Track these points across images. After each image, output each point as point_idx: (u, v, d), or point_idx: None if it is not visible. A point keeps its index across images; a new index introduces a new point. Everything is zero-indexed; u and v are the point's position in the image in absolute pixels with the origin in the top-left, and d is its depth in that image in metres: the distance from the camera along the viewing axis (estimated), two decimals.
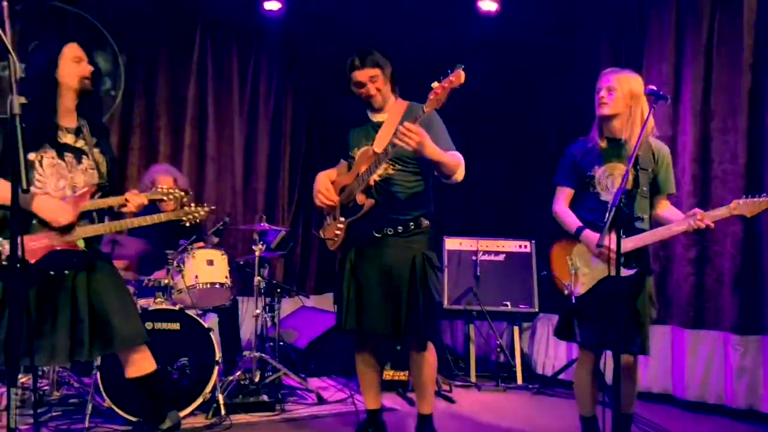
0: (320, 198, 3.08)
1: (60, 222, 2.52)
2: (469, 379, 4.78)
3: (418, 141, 2.66)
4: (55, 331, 2.53)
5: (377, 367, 3.22)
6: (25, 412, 3.42)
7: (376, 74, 2.95)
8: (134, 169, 5.31)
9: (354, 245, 3.05)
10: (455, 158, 2.91)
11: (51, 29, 4.95)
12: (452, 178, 2.93)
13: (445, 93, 2.62)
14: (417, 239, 2.99)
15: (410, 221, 2.97)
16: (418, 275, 2.92)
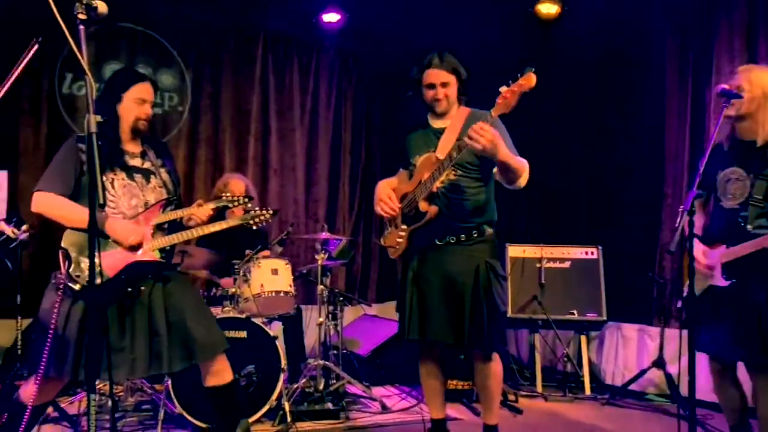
0: (382, 206, 3.06)
1: (129, 242, 2.61)
2: (535, 389, 4.68)
3: (490, 140, 2.60)
4: (134, 346, 2.61)
5: (441, 377, 3.18)
6: (102, 418, 3.56)
7: (449, 80, 2.92)
8: (201, 181, 5.48)
9: (416, 253, 3.03)
10: (522, 162, 2.87)
11: (122, 48, 5.18)
12: (516, 183, 2.88)
13: (515, 97, 2.57)
14: (480, 247, 2.93)
15: (473, 229, 2.92)
16: (481, 284, 2.86)
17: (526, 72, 2.55)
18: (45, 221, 4.14)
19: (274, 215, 3.05)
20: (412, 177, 3.02)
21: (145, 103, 2.74)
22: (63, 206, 2.59)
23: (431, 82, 2.93)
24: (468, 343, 2.89)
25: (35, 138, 4.89)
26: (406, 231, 3.00)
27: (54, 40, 5.07)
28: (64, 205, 2.59)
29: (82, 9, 1.97)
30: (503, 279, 2.98)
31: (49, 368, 2.52)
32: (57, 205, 2.59)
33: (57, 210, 2.60)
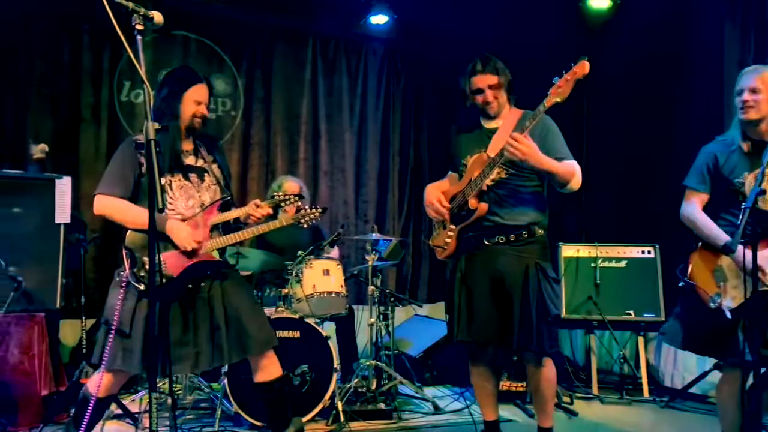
0: (431, 208, 3.06)
1: (187, 248, 2.70)
2: (591, 391, 4.59)
3: (525, 152, 2.63)
4: (197, 340, 2.71)
5: (493, 379, 3.14)
6: (162, 415, 3.67)
7: (495, 82, 2.91)
8: (254, 184, 5.59)
9: (464, 254, 2.99)
10: (568, 167, 2.80)
11: (176, 55, 5.33)
12: (566, 187, 2.83)
13: (569, 85, 2.57)
14: (530, 248, 2.88)
15: (523, 229, 2.88)
16: (531, 286, 2.81)
17: (580, 60, 2.56)
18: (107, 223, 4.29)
19: (323, 213, 3.09)
20: (462, 177, 3.01)
21: (201, 104, 2.82)
22: (123, 209, 2.69)
23: (478, 87, 2.94)
24: (517, 346, 2.83)
25: (96, 145, 5.08)
26: (454, 231, 2.99)
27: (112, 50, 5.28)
28: (125, 207, 2.69)
29: (139, 20, 2.03)
30: (555, 281, 2.91)
31: (115, 362, 2.62)
32: (118, 207, 2.69)
33: (118, 212, 2.70)
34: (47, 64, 4.94)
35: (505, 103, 2.98)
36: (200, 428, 3.58)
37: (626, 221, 5.25)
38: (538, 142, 2.74)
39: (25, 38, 4.84)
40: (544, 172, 2.77)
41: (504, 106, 2.98)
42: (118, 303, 2.62)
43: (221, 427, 3.52)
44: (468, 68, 2.97)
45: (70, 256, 3.96)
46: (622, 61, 5.26)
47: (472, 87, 2.95)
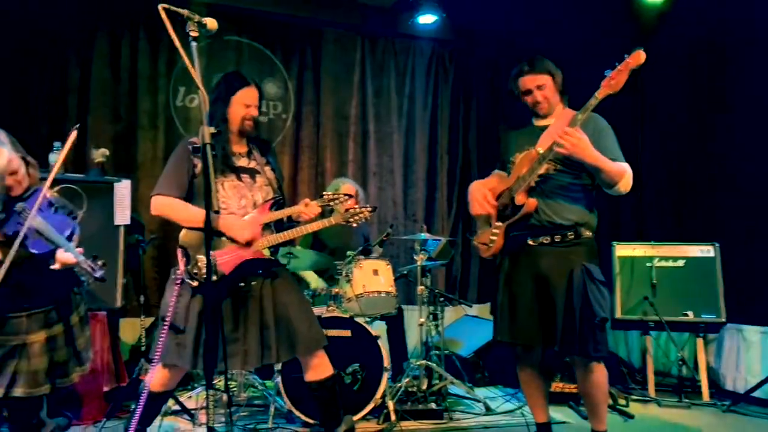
0: (476, 203, 3.01)
1: (245, 239, 2.75)
2: (648, 393, 4.47)
3: (575, 143, 2.60)
4: (246, 337, 2.76)
5: (541, 381, 3.08)
6: (218, 412, 3.76)
7: (544, 82, 2.89)
8: (304, 185, 5.67)
9: (508, 255, 2.96)
10: (617, 167, 2.74)
11: (229, 60, 5.46)
12: (614, 188, 2.76)
13: (623, 76, 2.54)
14: (576, 250, 2.82)
15: (569, 230, 2.82)
16: (575, 289, 2.74)
17: (635, 50, 2.52)
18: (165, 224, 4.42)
19: (373, 212, 3.10)
20: (510, 174, 2.97)
21: (251, 106, 2.86)
22: (179, 208, 2.77)
23: (527, 89, 2.92)
24: (560, 349, 2.80)
25: (153, 149, 5.24)
26: (500, 228, 2.93)
27: (168, 56, 5.44)
28: (180, 207, 2.77)
29: (194, 26, 2.09)
30: (602, 284, 2.82)
31: (168, 356, 2.70)
32: (173, 207, 2.78)
33: (174, 212, 2.78)
34: (107, 70, 5.12)
35: (557, 103, 2.94)
36: (254, 425, 3.65)
37: (684, 219, 5.09)
38: (590, 141, 2.69)
39: (84, 45, 5.04)
40: (592, 167, 2.71)
41: (556, 106, 2.94)
42: (173, 299, 2.71)
43: (275, 424, 3.58)
44: (515, 70, 2.95)
45: (129, 257, 4.10)
46: (678, 54, 5.11)
47: (521, 88, 2.93)
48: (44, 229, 2.47)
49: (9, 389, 2.51)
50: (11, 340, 2.53)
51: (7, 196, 2.54)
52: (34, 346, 2.56)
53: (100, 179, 4.13)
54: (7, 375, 2.50)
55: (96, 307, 3.89)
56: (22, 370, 2.54)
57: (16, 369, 2.53)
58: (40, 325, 2.59)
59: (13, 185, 2.53)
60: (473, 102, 6.28)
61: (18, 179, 2.55)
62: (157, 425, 3.54)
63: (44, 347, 2.59)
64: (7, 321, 2.54)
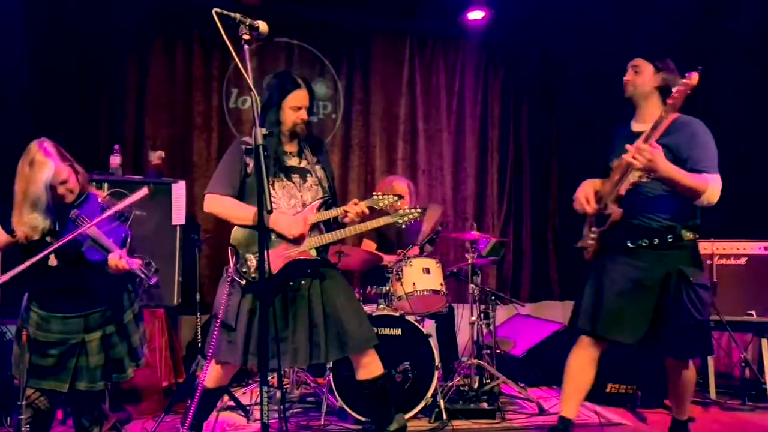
0: (577, 202, 3.03)
1: (294, 234, 2.79)
2: (709, 395, 4.32)
3: (648, 159, 2.61)
4: (295, 336, 2.79)
5: (591, 375, 2.96)
6: (271, 408, 3.81)
7: (640, 64, 2.89)
8: (354, 185, 5.71)
9: (607, 254, 2.97)
10: (696, 181, 2.70)
11: (280, 61, 5.54)
12: (699, 200, 2.73)
13: (682, 97, 2.56)
14: (675, 254, 2.81)
15: (668, 233, 2.81)
16: (671, 291, 2.76)
17: (689, 74, 2.53)
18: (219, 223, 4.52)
19: (423, 213, 3.08)
20: (609, 179, 2.97)
21: (301, 109, 2.88)
22: (230, 206, 2.83)
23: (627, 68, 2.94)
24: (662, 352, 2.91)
25: (207, 150, 5.36)
26: (596, 233, 2.96)
27: (221, 58, 5.56)
28: (232, 205, 2.83)
29: (246, 30, 2.13)
30: (701, 287, 2.79)
31: (220, 353, 2.77)
32: (225, 205, 2.83)
33: (225, 210, 2.84)
34: (162, 74, 5.27)
35: (649, 96, 2.90)
36: (307, 422, 3.70)
37: (746, 215, 4.88)
38: (684, 147, 2.73)
39: (141, 51, 5.20)
40: (667, 180, 2.70)
41: (645, 99, 2.91)
42: (224, 297, 2.77)
43: (327, 421, 3.62)
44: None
45: (186, 256, 4.22)
46: (742, 45, 4.89)
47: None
48: (98, 237, 2.56)
49: (72, 384, 2.62)
50: (71, 338, 2.64)
51: (59, 205, 2.63)
52: (92, 343, 2.66)
53: (157, 180, 4.25)
54: (69, 371, 2.61)
55: (155, 304, 4.01)
56: (83, 366, 2.65)
57: (77, 365, 2.63)
58: (97, 324, 2.69)
59: (65, 194, 2.62)
60: (524, 98, 6.19)
61: (69, 188, 2.64)
62: (213, 420, 3.63)
63: (101, 345, 2.68)
64: (67, 321, 2.65)
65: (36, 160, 2.53)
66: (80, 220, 2.61)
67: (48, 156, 2.56)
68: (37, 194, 2.52)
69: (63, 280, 2.62)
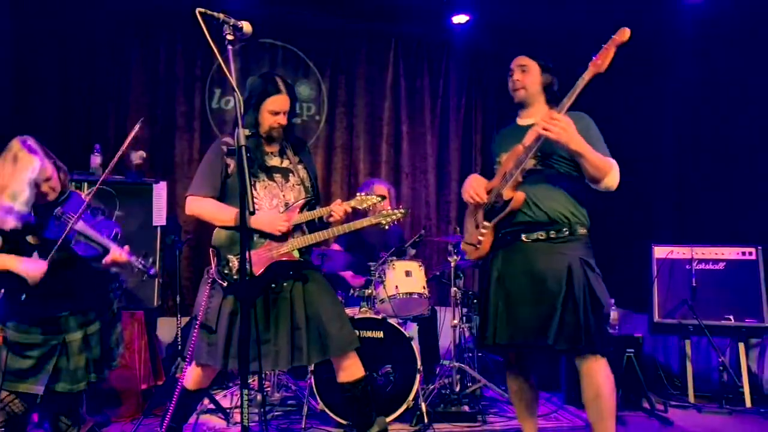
0: (467, 193, 2.88)
1: (279, 229, 2.76)
2: (687, 399, 4.37)
3: (563, 128, 2.49)
4: (277, 338, 2.77)
5: (533, 392, 2.93)
6: (252, 411, 3.79)
7: (527, 64, 2.82)
8: (337, 186, 5.70)
9: (501, 251, 2.80)
10: (602, 160, 2.61)
11: (264, 62, 5.52)
12: (601, 183, 2.64)
13: (609, 54, 2.49)
14: (572, 246, 2.67)
15: (563, 226, 2.69)
16: (576, 281, 2.59)
17: (620, 29, 2.47)
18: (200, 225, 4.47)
19: (406, 214, 3.07)
20: (497, 174, 2.84)
21: (278, 114, 2.85)
22: (211, 208, 2.81)
23: (510, 68, 2.85)
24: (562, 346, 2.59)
25: (189, 151, 5.33)
26: (488, 227, 2.80)
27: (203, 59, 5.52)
28: (213, 206, 2.81)
29: (230, 30, 2.12)
30: (600, 277, 2.68)
31: (201, 356, 2.74)
32: (206, 207, 2.81)
33: (206, 212, 2.82)
34: (144, 74, 5.23)
35: (537, 96, 2.83)
36: (288, 425, 3.68)
37: (724, 221, 4.95)
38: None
39: (122, 49, 5.15)
40: (577, 154, 2.58)
41: (534, 99, 2.83)
42: (204, 299, 2.75)
43: (308, 424, 3.60)
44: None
45: (166, 257, 4.18)
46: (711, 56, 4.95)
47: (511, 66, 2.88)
48: (88, 232, 2.52)
49: (51, 385, 2.57)
50: (52, 339, 2.59)
51: (42, 205, 2.59)
52: (73, 344, 2.62)
53: (138, 181, 4.21)
54: (47, 373, 2.56)
55: (134, 306, 3.97)
56: (63, 368, 2.60)
57: (57, 366, 2.59)
58: (78, 324, 2.64)
59: (47, 192, 2.58)
60: (508, 102, 6.21)
61: (52, 185, 2.59)
62: (193, 423, 3.60)
63: (81, 345, 2.64)
64: (48, 321, 2.60)
65: (19, 157, 2.49)
66: (66, 217, 2.56)
67: (32, 153, 2.52)
68: (18, 187, 2.47)
69: (45, 280, 2.56)
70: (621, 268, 4.60)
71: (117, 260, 2.50)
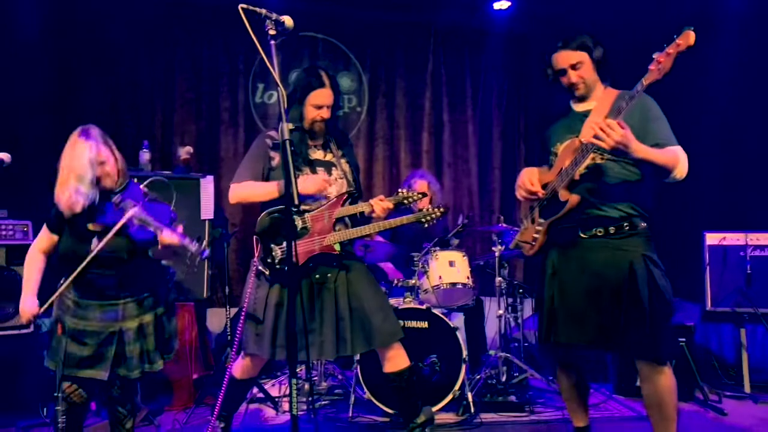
0: (522, 188, 2.77)
1: (322, 190, 2.81)
2: (743, 389, 4.24)
3: (617, 140, 2.34)
4: (322, 329, 2.81)
5: (584, 386, 2.87)
6: (300, 400, 3.85)
7: (579, 59, 2.63)
8: (379, 177, 5.70)
9: (557, 248, 2.71)
10: (669, 155, 2.48)
11: (305, 55, 5.56)
12: (669, 177, 2.52)
13: (671, 60, 2.29)
14: (633, 241, 2.54)
15: (624, 221, 2.57)
16: (640, 281, 2.47)
17: (684, 30, 2.26)
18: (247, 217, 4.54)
19: (445, 214, 3.06)
20: (553, 166, 2.73)
21: (322, 108, 2.88)
22: (253, 186, 2.86)
23: (561, 68, 2.68)
24: (625, 352, 2.56)
25: (234, 145, 5.41)
26: (543, 225, 2.71)
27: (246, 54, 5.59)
28: (253, 185, 2.86)
29: (272, 25, 2.14)
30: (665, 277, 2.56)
31: (248, 346, 2.79)
32: (247, 187, 2.86)
33: (248, 191, 2.86)
34: (189, 69, 5.33)
35: (596, 83, 2.68)
36: (335, 414, 3.73)
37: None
38: (637, 125, 2.47)
39: (166, 46, 5.25)
40: (640, 161, 2.47)
41: (594, 87, 2.68)
42: (250, 289, 2.80)
43: (355, 413, 3.64)
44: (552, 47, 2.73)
45: (214, 250, 4.27)
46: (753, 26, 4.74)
47: (555, 67, 2.71)
48: (143, 216, 2.59)
49: (112, 372, 2.65)
50: (109, 326, 2.65)
51: (99, 189, 2.67)
52: (129, 333, 2.67)
53: (186, 176, 4.30)
54: (108, 360, 2.64)
55: (184, 298, 4.07)
56: (121, 354, 2.66)
57: (116, 353, 2.66)
58: (133, 313, 2.70)
59: (101, 176, 2.65)
60: (551, 89, 6.10)
61: (107, 171, 2.65)
62: (243, 411, 3.68)
63: (136, 334, 2.70)
64: (105, 308, 2.67)
65: (77, 142, 2.60)
66: (124, 204, 2.63)
67: (89, 138, 2.61)
68: (82, 169, 2.56)
69: (104, 265, 2.62)
70: (672, 255, 4.47)
71: (170, 242, 2.55)
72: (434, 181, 4.73)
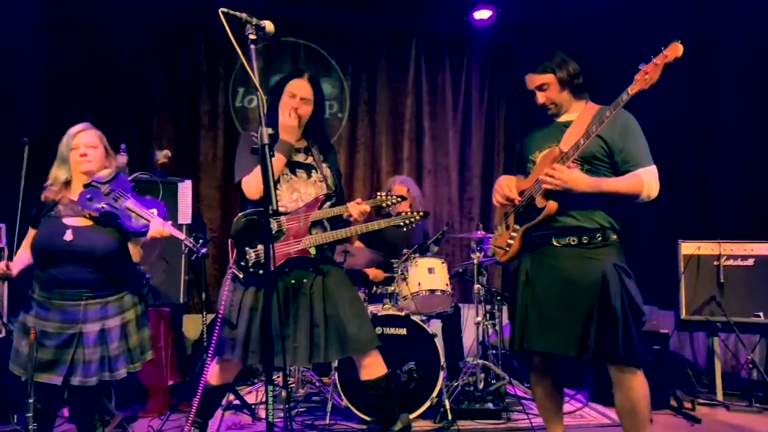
0: (499, 194, 2.81)
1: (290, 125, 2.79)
2: (715, 397, 4.30)
3: (564, 182, 2.47)
4: (296, 335, 2.77)
5: (558, 396, 2.90)
6: (277, 407, 3.83)
7: (545, 81, 2.71)
8: (360, 183, 5.71)
9: (530, 255, 2.73)
10: (629, 183, 2.55)
11: (286, 61, 5.55)
12: (638, 199, 2.57)
13: (657, 71, 2.33)
14: (605, 251, 2.58)
15: (597, 232, 2.60)
16: (612, 288, 2.49)
17: (672, 42, 2.31)
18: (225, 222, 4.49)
19: (425, 217, 3.06)
20: (530, 174, 2.75)
21: (296, 97, 2.84)
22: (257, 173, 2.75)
23: (530, 89, 2.78)
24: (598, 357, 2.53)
25: (213, 149, 5.38)
26: (519, 231, 2.73)
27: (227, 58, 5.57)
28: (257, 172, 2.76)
29: (252, 29, 2.12)
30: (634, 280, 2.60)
31: (223, 351, 2.76)
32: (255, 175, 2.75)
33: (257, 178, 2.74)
34: (168, 73, 5.29)
35: (568, 101, 2.74)
36: (312, 421, 3.70)
37: (754, 216, 4.86)
38: (617, 138, 2.55)
39: (147, 49, 5.21)
40: (595, 195, 2.55)
41: (567, 105, 2.74)
42: (225, 293, 2.77)
43: (332, 420, 3.62)
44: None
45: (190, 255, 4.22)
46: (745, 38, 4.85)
47: (527, 87, 2.80)
48: (137, 208, 2.56)
49: (67, 378, 2.56)
50: (68, 328, 2.58)
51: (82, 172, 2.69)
52: (89, 336, 2.59)
53: (164, 179, 4.25)
54: (65, 364, 2.55)
55: (160, 303, 4.02)
56: (78, 359, 2.56)
57: (73, 358, 2.57)
58: (96, 316, 2.62)
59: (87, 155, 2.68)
60: (531, 98, 6.16)
61: (95, 156, 2.69)
62: (219, 419, 3.64)
63: (98, 339, 2.61)
64: (66, 308, 2.60)
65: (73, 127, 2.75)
66: (115, 194, 2.60)
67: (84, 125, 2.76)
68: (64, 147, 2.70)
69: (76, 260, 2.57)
70: (647, 264, 4.54)
71: (161, 233, 2.52)
72: (414, 187, 4.73)
